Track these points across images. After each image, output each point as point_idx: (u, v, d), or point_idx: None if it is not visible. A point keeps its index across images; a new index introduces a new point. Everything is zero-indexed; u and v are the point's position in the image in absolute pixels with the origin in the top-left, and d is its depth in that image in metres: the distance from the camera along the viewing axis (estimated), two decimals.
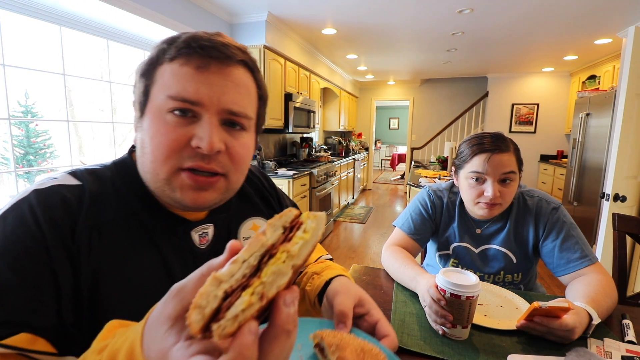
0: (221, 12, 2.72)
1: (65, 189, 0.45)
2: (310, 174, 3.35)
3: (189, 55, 0.44)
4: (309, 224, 0.27)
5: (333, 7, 2.65)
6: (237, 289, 0.24)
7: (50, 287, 0.40)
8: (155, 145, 0.44)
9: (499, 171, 0.91)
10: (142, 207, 0.49)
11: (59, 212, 0.42)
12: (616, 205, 2.00)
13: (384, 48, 3.89)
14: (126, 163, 0.52)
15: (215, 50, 0.44)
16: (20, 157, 1.98)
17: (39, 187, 0.44)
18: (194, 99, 0.43)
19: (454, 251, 1.05)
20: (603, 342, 0.67)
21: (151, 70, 0.46)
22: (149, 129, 0.45)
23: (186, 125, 0.44)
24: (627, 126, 1.96)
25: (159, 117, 0.44)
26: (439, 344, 0.67)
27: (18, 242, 0.39)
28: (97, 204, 0.46)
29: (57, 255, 0.40)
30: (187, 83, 0.43)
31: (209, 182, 0.46)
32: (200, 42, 0.44)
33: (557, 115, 5.06)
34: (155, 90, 0.45)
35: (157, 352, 0.25)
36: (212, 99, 0.44)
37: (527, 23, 2.92)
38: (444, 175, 3.06)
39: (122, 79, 2.32)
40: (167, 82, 0.44)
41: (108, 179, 0.49)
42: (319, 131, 5.53)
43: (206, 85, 0.44)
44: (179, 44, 0.44)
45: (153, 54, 0.46)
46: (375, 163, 10.53)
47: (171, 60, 0.44)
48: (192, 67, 0.44)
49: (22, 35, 1.74)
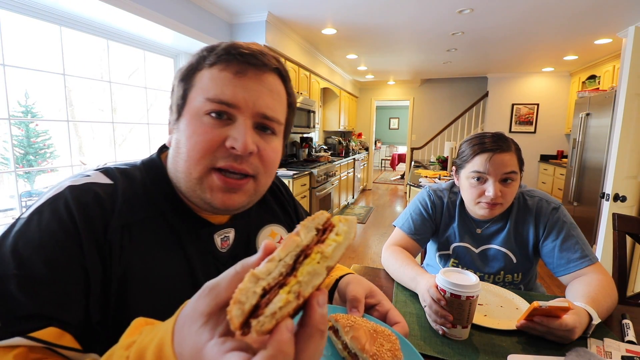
0: (221, 12, 2.72)
1: (98, 187, 0.46)
2: (310, 174, 3.35)
3: (228, 61, 0.47)
4: (340, 227, 0.28)
5: (333, 7, 2.65)
6: (274, 287, 0.25)
7: (80, 283, 0.41)
8: (191, 145, 0.46)
9: (501, 171, 0.91)
10: (170, 208, 0.51)
11: (92, 210, 0.43)
12: (616, 205, 2.00)
13: (384, 48, 3.89)
14: (155, 164, 0.54)
15: (253, 58, 0.47)
16: (20, 157, 1.98)
17: (73, 183, 0.45)
18: (231, 101, 0.46)
19: (454, 251, 1.05)
20: (603, 342, 0.67)
21: (190, 75, 0.48)
22: (185, 130, 0.47)
23: (221, 127, 0.46)
24: (627, 126, 1.96)
25: (195, 119, 0.46)
26: (439, 344, 0.67)
27: (52, 237, 0.40)
28: (128, 204, 0.47)
29: (90, 252, 0.41)
30: (225, 87, 0.46)
31: (238, 185, 0.48)
32: (239, 49, 0.47)
33: (557, 115, 5.06)
34: (193, 94, 0.47)
35: (191, 347, 0.26)
36: (247, 103, 0.46)
37: (527, 23, 2.92)
38: (444, 175, 3.06)
39: (122, 79, 2.32)
40: (206, 85, 0.46)
41: (138, 180, 0.51)
42: (319, 131, 5.53)
43: (243, 90, 0.46)
44: (218, 51, 0.47)
45: (193, 60, 0.49)
46: (375, 163, 10.53)
47: (211, 66, 0.47)
48: (231, 72, 0.46)
49: (22, 35, 1.74)
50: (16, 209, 1.83)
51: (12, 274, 0.37)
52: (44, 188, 2.03)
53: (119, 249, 0.44)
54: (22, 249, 0.39)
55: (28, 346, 0.36)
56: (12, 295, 0.37)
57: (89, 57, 2.11)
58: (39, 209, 0.42)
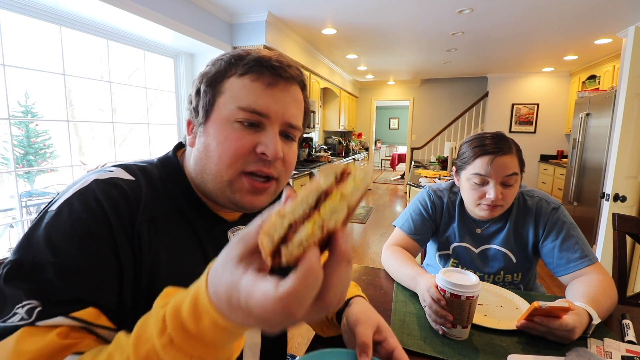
0: (221, 12, 2.72)
1: (122, 182, 0.48)
2: (310, 174, 3.35)
3: (260, 72, 0.49)
4: (357, 173, 0.30)
5: (333, 7, 2.65)
6: (299, 222, 0.27)
7: (114, 270, 0.42)
8: (223, 149, 0.49)
9: (502, 174, 0.90)
10: (187, 205, 0.53)
11: (120, 203, 0.45)
12: (616, 205, 2.00)
13: (384, 48, 3.89)
14: (172, 161, 0.56)
15: (283, 71, 0.51)
16: (20, 157, 1.98)
17: (99, 177, 0.47)
18: (263, 111, 0.49)
19: (454, 251, 1.05)
20: (603, 342, 0.67)
21: (219, 81, 0.51)
22: (216, 135, 0.49)
23: (252, 134, 0.49)
24: (627, 126, 1.96)
25: (227, 125, 0.49)
26: (439, 344, 0.67)
27: (85, 226, 0.42)
28: (151, 199, 0.49)
29: (121, 242, 0.43)
30: (257, 97, 0.49)
31: (264, 187, 0.52)
32: (270, 62, 0.50)
33: (557, 115, 5.07)
34: (223, 100, 0.50)
35: (226, 285, 0.28)
36: (277, 113, 0.50)
37: (527, 23, 2.92)
38: (444, 175, 3.06)
39: (122, 79, 2.32)
40: (238, 94, 0.49)
41: (157, 177, 0.53)
42: (319, 131, 5.53)
43: (273, 100, 0.50)
44: (249, 62, 0.50)
45: (220, 67, 0.51)
46: (375, 163, 10.52)
47: (242, 75, 0.50)
48: (263, 84, 0.49)
49: (22, 35, 1.74)
50: (16, 209, 1.83)
51: (49, 262, 0.39)
52: (44, 188, 2.03)
53: (148, 241, 0.46)
54: (56, 238, 0.41)
55: (69, 325, 0.38)
56: (50, 282, 0.38)
57: (89, 57, 2.11)
58: (68, 200, 0.44)
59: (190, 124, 0.54)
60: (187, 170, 0.55)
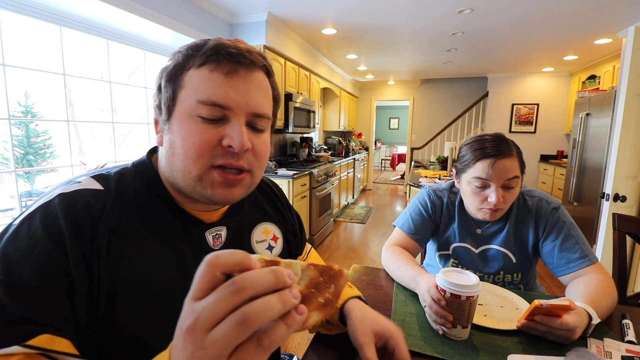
0: (221, 12, 2.72)
1: (88, 193, 0.47)
2: (310, 174, 3.35)
3: (218, 61, 0.47)
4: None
5: (333, 7, 2.65)
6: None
7: (65, 289, 0.41)
8: (188, 145, 0.47)
9: (503, 177, 0.90)
10: (161, 207, 0.52)
11: (80, 217, 0.44)
12: (616, 205, 2.00)
13: (384, 48, 3.89)
14: (146, 165, 0.55)
15: (242, 57, 0.48)
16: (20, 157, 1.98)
17: (64, 190, 0.46)
18: (224, 103, 0.47)
19: (454, 251, 1.05)
20: (603, 342, 0.67)
21: (178, 75, 0.48)
22: (179, 131, 0.48)
23: (216, 127, 0.47)
24: (627, 126, 1.96)
25: (189, 120, 0.47)
26: (439, 344, 0.67)
27: (39, 244, 0.41)
28: (117, 206, 0.48)
29: (75, 259, 0.42)
30: (217, 88, 0.47)
31: (237, 179, 0.50)
32: (227, 49, 0.47)
33: (557, 115, 5.06)
34: (183, 95, 0.48)
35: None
36: (239, 103, 0.48)
37: (527, 23, 2.92)
38: (444, 175, 3.06)
39: (122, 79, 2.32)
40: (197, 86, 0.47)
41: (129, 180, 0.52)
42: (319, 131, 5.53)
43: (234, 90, 0.47)
44: (206, 51, 0.47)
45: (179, 59, 0.49)
46: (375, 163, 10.52)
47: (200, 66, 0.47)
48: (222, 73, 0.47)
49: (22, 35, 1.74)
50: (16, 209, 1.83)
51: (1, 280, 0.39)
52: (44, 188, 2.03)
53: (107, 252, 0.45)
54: (11, 255, 0.40)
55: (25, 353, 0.37)
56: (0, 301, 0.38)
57: (89, 57, 2.11)
58: (29, 215, 0.44)
59: (157, 122, 0.52)
60: (161, 171, 0.54)
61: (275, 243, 0.68)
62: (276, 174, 2.98)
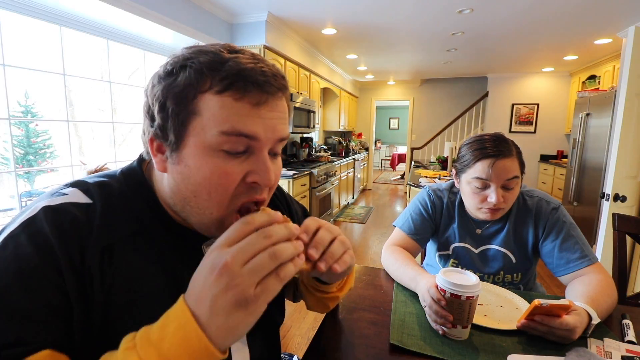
0: (221, 12, 2.72)
1: (75, 207, 0.43)
2: (310, 174, 3.35)
3: (244, 90, 0.41)
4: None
5: (333, 7, 2.65)
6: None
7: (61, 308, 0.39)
8: (212, 186, 0.43)
9: (503, 177, 0.90)
10: (153, 222, 0.49)
11: (69, 234, 0.41)
12: (616, 205, 2.00)
13: (384, 48, 3.89)
14: (136, 174, 0.51)
15: (269, 86, 0.43)
16: (20, 157, 1.98)
17: (50, 203, 0.42)
18: (252, 133, 0.42)
19: (453, 251, 1.05)
20: (603, 342, 0.67)
21: (191, 98, 0.42)
22: (199, 167, 0.42)
23: (240, 161, 0.43)
24: (627, 126, 1.96)
25: (210, 154, 0.42)
26: (439, 344, 0.67)
27: (29, 264, 0.38)
28: (107, 223, 0.44)
29: (68, 278, 0.40)
30: (242, 117, 0.42)
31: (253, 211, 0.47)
32: (255, 76, 0.42)
33: (557, 115, 5.07)
34: (199, 123, 0.42)
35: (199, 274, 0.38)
36: (267, 134, 0.44)
37: (527, 23, 2.92)
38: (444, 175, 3.06)
39: (122, 79, 2.32)
40: (218, 116, 0.41)
41: (117, 193, 0.48)
42: (319, 131, 5.53)
43: (262, 121, 0.43)
44: (228, 75, 0.41)
45: (190, 78, 0.41)
46: (375, 163, 10.52)
47: (220, 92, 0.41)
48: (249, 104, 0.42)
49: (22, 35, 1.74)
50: (16, 209, 1.83)
51: None
52: (44, 188, 2.03)
53: (99, 273, 0.42)
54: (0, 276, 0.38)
55: None
56: None
57: (89, 57, 2.11)
58: (14, 232, 0.40)
59: (154, 142, 0.45)
60: (159, 188, 0.49)
61: None
62: None
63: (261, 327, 0.50)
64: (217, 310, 0.35)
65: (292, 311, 2.18)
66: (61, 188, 0.46)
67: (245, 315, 0.36)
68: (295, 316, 2.15)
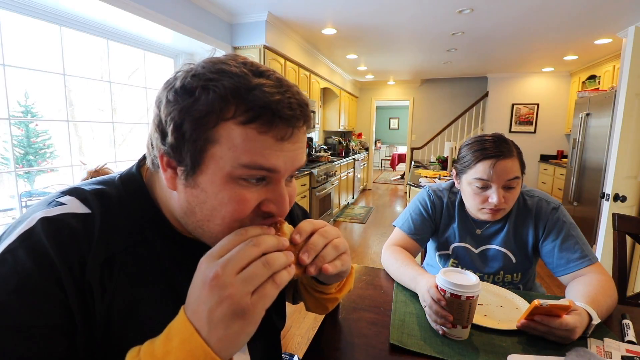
0: (221, 12, 2.72)
1: (74, 218, 0.42)
2: (310, 174, 3.35)
3: (270, 124, 0.39)
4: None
5: (333, 7, 2.65)
6: None
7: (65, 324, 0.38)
8: (227, 211, 0.42)
9: (504, 178, 0.90)
10: (154, 232, 0.47)
11: (68, 247, 0.40)
12: (616, 205, 2.00)
13: (384, 48, 3.89)
14: (135, 182, 0.49)
15: (296, 120, 0.41)
16: (20, 157, 1.98)
17: (47, 214, 0.41)
18: (272, 167, 0.41)
19: (453, 251, 1.05)
20: (603, 342, 0.67)
21: (210, 125, 0.39)
22: (216, 194, 0.41)
23: (257, 189, 0.43)
24: (627, 126, 1.96)
25: (228, 183, 0.41)
26: (439, 344, 0.67)
27: (30, 279, 0.37)
28: (106, 235, 0.43)
29: (70, 291, 0.39)
30: (265, 151, 0.40)
31: None
32: (282, 110, 0.39)
33: (557, 115, 5.07)
34: (218, 151, 0.40)
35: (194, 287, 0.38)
36: (287, 166, 0.43)
37: (527, 23, 2.92)
38: (444, 175, 3.06)
39: (122, 79, 2.33)
40: (240, 147, 0.39)
41: (117, 202, 0.46)
42: (319, 131, 5.53)
43: (284, 154, 0.42)
44: (254, 107, 0.39)
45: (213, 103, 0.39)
46: (375, 163, 10.52)
47: (245, 123, 0.39)
48: (274, 138, 0.40)
49: (22, 35, 1.74)
50: (16, 209, 1.83)
51: None
52: (44, 188, 2.03)
53: (100, 288, 0.41)
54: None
55: None
56: None
57: (89, 57, 2.11)
58: (11, 247, 0.38)
59: (164, 157, 0.43)
60: (163, 198, 0.48)
61: None
62: None
63: (262, 333, 0.49)
64: (215, 322, 0.35)
65: (292, 311, 2.18)
66: (57, 196, 0.44)
67: (243, 324, 0.36)
68: (295, 316, 2.15)
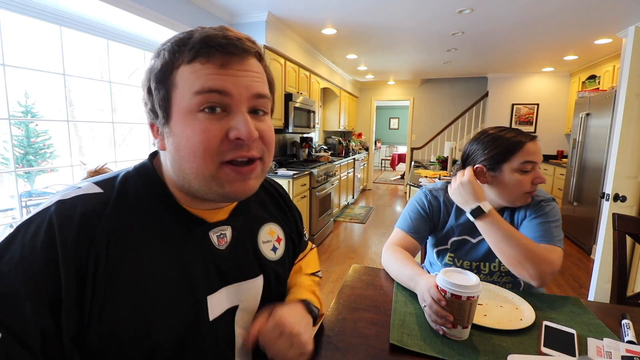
0: (221, 12, 2.72)
1: (88, 198, 0.46)
2: (310, 174, 3.35)
3: (209, 55, 0.45)
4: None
5: (333, 7, 2.65)
6: None
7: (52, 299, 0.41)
8: (194, 144, 0.45)
9: (540, 157, 0.97)
10: (162, 209, 0.51)
11: (77, 226, 0.43)
12: (616, 205, 2.00)
13: (384, 48, 3.89)
14: (147, 168, 0.54)
15: (232, 47, 0.46)
16: (20, 157, 1.98)
17: (63, 197, 0.46)
18: (221, 88, 0.45)
19: (452, 245, 1.07)
20: (603, 342, 0.67)
21: (168, 75, 0.46)
22: (182, 132, 0.46)
23: (219, 121, 0.46)
24: (627, 126, 1.96)
25: (190, 118, 0.45)
26: (439, 344, 0.67)
27: (31, 253, 0.41)
28: (117, 209, 0.47)
29: (66, 269, 0.41)
30: (212, 76, 0.45)
31: (250, 170, 0.49)
32: (217, 40, 0.45)
33: (557, 115, 5.06)
34: (178, 93, 0.46)
35: None
36: (239, 89, 0.46)
37: (527, 23, 2.92)
38: (444, 175, 3.06)
39: (122, 79, 2.32)
40: (191, 81, 0.45)
41: (130, 184, 0.51)
42: (319, 131, 5.53)
43: (232, 78, 0.46)
44: (194, 45, 0.45)
45: (165, 57, 0.46)
46: (375, 163, 10.52)
47: (190, 61, 0.45)
48: (215, 65, 0.45)
49: (22, 35, 1.74)
50: (16, 209, 1.83)
51: None
52: (44, 188, 2.03)
53: (105, 257, 0.44)
54: (4, 264, 0.41)
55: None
56: None
57: (89, 57, 2.11)
58: (26, 223, 0.43)
59: (153, 126, 0.50)
60: (167, 174, 0.52)
61: (278, 245, 0.67)
62: (276, 174, 2.98)
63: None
64: None
65: None
66: (78, 183, 0.50)
67: None
68: None
